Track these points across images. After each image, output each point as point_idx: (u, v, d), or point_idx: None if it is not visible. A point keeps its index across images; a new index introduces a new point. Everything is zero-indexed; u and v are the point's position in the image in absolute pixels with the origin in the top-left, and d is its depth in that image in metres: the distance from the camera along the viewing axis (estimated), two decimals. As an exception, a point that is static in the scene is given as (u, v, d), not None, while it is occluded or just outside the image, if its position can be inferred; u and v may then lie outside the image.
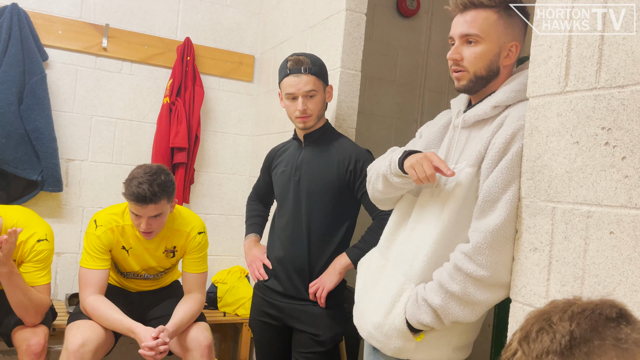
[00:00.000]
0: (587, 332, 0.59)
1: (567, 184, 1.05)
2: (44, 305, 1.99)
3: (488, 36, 1.25)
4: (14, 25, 2.57)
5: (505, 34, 1.26)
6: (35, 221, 2.03)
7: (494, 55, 1.26)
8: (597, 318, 0.60)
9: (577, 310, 0.61)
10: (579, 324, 0.59)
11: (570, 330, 0.59)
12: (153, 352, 1.88)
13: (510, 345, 0.65)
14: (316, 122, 1.89)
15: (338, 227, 1.87)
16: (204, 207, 3.10)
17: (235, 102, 3.18)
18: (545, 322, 0.62)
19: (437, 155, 1.22)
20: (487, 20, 1.25)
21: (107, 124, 2.88)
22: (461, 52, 1.28)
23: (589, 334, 0.59)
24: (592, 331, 0.59)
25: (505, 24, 1.25)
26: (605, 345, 0.58)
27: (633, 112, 0.94)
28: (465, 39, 1.27)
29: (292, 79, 1.83)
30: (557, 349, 0.59)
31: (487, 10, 1.25)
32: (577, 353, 0.58)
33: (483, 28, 1.25)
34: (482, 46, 1.26)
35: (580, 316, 0.60)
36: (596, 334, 0.59)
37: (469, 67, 1.28)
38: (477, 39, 1.26)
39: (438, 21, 3.31)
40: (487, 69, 1.27)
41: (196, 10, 3.05)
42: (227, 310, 2.81)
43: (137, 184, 1.89)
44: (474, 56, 1.26)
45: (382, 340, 1.31)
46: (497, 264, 1.16)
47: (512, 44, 1.27)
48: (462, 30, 1.27)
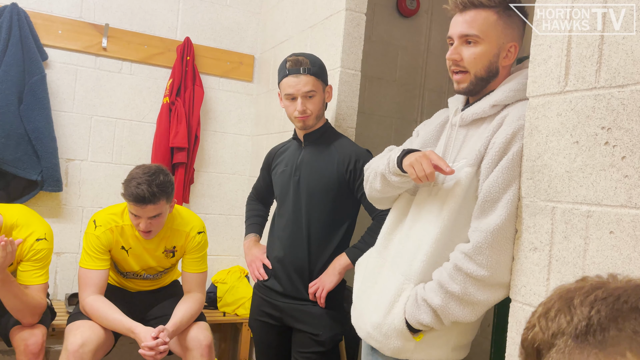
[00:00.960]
0: (605, 321, 0.56)
1: (567, 183, 1.05)
2: (39, 307, 1.99)
3: (487, 37, 1.25)
4: (13, 25, 2.57)
5: (505, 35, 1.26)
6: (34, 220, 2.03)
7: (493, 56, 1.26)
8: (620, 307, 0.57)
9: (601, 295, 0.58)
10: (599, 310, 0.57)
11: (588, 316, 0.57)
12: (153, 352, 1.88)
13: (532, 318, 0.63)
14: (316, 122, 1.89)
15: (338, 227, 1.87)
16: (203, 207, 3.10)
17: (235, 101, 3.18)
18: (567, 302, 0.59)
19: (435, 154, 1.22)
20: (486, 20, 1.24)
21: (107, 123, 2.88)
22: (460, 52, 1.27)
23: (606, 323, 0.56)
24: (611, 320, 0.56)
25: (504, 25, 1.25)
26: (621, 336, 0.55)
27: (633, 112, 0.94)
28: (464, 39, 1.26)
29: (291, 80, 1.82)
30: (572, 332, 0.57)
31: (486, 11, 1.25)
32: (591, 340, 0.56)
33: (483, 28, 1.24)
34: (481, 47, 1.25)
35: (603, 303, 0.57)
36: (614, 323, 0.56)
37: (469, 68, 1.27)
38: (476, 39, 1.25)
39: (438, 21, 3.31)
40: (487, 70, 1.27)
41: (196, 10, 3.05)
42: (226, 310, 2.81)
43: (136, 184, 1.89)
44: (474, 57, 1.26)
45: (381, 340, 1.30)
46: (498, 263, 1.15)
47: (511, 45, 1.27)
48: (462, 31, 1.26)
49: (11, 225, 1.95)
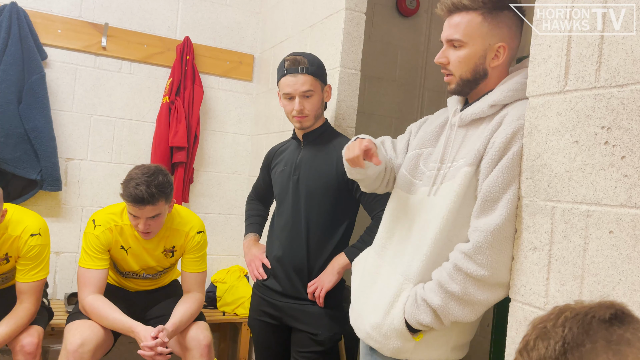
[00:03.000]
0: (578, 336, 0.60)
1: (567, 183, 1.05)
2: (29, 318, 2.00)
3: (471, 39, 1.25)
4: (13, 24, 2.57)
5: (491, 36, 1.25)
6: (28, 216, 2.02)
7: (478, 58, 1.26)
8: (589, 321, 0.60)
9: (569, 315, 0.62)
10: (571, 328, 0.60)
11: (562, 336, 0.60)
12: (152, 352, 1.87)
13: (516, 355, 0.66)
14: (314, 122, 1.89)
15: (337, 227, 1.87)
16: (203, 206, 3.10)
17: (235, 101, 3.18)
18: (542, 329, 0.63)
19: (372, 143, 1.32)
20: (470, 23, 1.25)
21: (107, 123, 2.88)
22: (447, 55, 1.30)
23: (580, 338, 0.59)
24: (584, 334, 0.60)
25: (490, 26, 1.25)
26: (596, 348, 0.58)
27: (633, 112, 0.94)
28: (450, 43, 1.29)
29: (289, 79, 1.83)
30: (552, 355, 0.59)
31: (470, 13, 1.25)
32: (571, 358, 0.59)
33: (466, 32, 1.25)
34: (465, 50, 1.26)
35: (573, 321, 0.61)
36: (587, 337, 0.59)
37: (455, 71, 1.29)
38: (460, 43, 1.27)
39: (438, 21, 3.31)
40: (473, 72, 1.28)
41: (196, 9, 3.04)
42: (226, 309, 2.81)
43: (135, 185, 1.88)
44: (459, 60, 1.28)
45: (381, 340, 1.30)
46: (497, 263, 1.15)
47: (499, 45, 1.26)
48: (447, 35, 1.29)
49: (6, 221, 1.95)
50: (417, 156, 1.40)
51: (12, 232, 1.95)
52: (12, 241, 1.96)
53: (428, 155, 1.37)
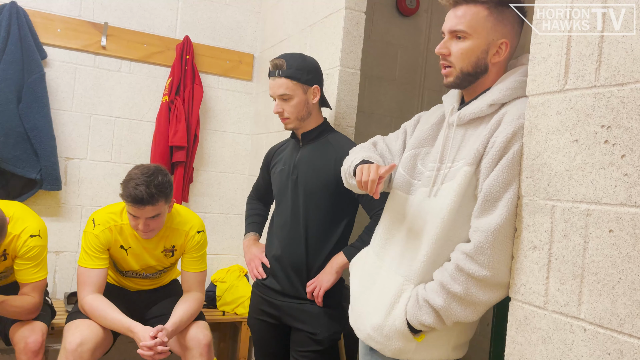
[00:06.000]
0: None
1: (567, 182, 1.05)
2: (33, 307, 2.01)
3: (476, 32, 1.24)
4: (12, 24, 2.57)
5: (495, 31, 1.25)
6: (29, 216, 2.03)
7: (481, 52, 1.26)
8: None
9: None
10: None
11: None
12: (152, 352, 1.87)
13: None
14: (299, 124, 1.89)
15: (336, 226, 1.87)
16: (203, 206, 3.10)
17: (235, 100, 3.18)
18: None
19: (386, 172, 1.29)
20: (476, 15, 1.24)
21: (106, 122, 2.88)
22: (449, 46, 1.28)
23: None
24: None
25: (495, 21, 1.24)
26: None
27: (632, 110, 0.94)
28: (454, 34, 1.27)
29: (270, 82, 1.89)
30: None
31: (477, 6, 1.24)
32: None
33: (471, 24, 1.24)
34: (469, 42, 1.25)
35: None
36: None
37: (456, 63, 1.28)
38: (464, 35, 1.25)
39: (437, 20, 3.31)
40: (474, 66, 1.27)
41: (195, 8, 3.04)
42: (226, 309, 2.81)
43: (134, 185, 1.88)
44: (461, 52, 1.26)
45: (382, 341, 1.30)
46: (499, 263, 1.15)
47: (502, 41, 1.25)
48: (451, 26, 1.27)
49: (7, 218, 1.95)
50: (414, 156, 1.39)
51: (12, 230, 1.95)
52: (10, 239, 1.96)
53: (425, 154, 1.37)
